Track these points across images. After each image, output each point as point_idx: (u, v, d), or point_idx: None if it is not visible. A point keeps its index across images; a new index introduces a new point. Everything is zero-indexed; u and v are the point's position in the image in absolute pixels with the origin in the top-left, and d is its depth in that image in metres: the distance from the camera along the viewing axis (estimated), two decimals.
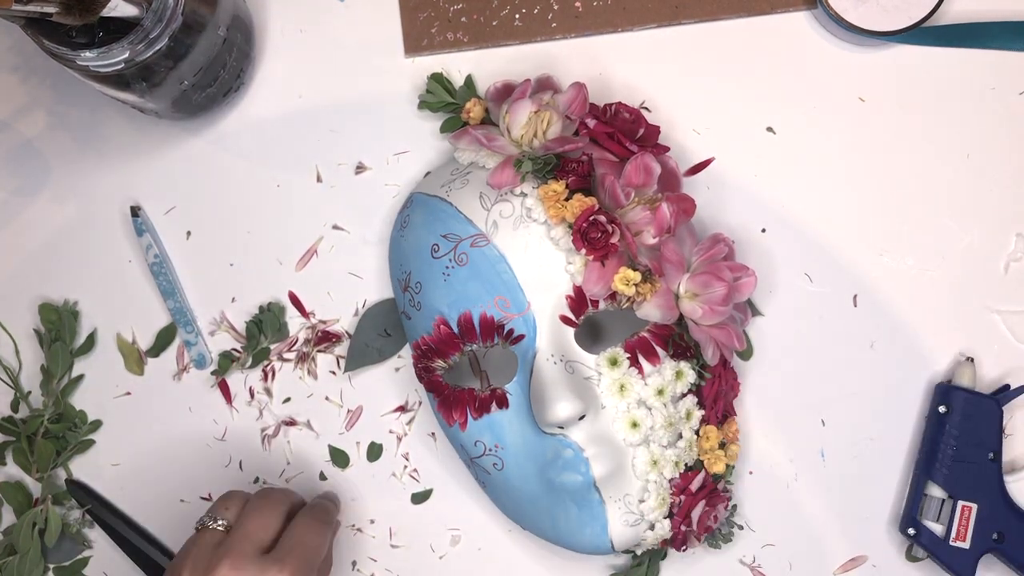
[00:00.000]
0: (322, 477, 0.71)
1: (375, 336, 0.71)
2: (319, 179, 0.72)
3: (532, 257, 0.61)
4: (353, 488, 0.71)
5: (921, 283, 0.70)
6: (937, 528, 0.67)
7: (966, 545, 0.66)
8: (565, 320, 0.62)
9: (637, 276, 0.60)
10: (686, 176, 0.69)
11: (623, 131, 0.65)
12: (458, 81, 0.71)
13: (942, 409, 0.67)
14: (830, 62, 0.71)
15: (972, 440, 0.66)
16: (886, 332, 0.70)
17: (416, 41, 0.71)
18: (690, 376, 0.63)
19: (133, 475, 0.72)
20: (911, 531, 0.67)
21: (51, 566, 0.71)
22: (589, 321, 0.67)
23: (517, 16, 0.71)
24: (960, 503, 0.66)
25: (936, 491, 0.67)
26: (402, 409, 0.71)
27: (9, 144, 0.73)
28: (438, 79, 0.71)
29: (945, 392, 0.68)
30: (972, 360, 0.68)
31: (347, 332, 0.71)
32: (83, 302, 0.72)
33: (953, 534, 0.66)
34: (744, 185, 0.71)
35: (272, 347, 0.72)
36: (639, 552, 0.67)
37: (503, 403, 0.63)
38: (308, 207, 0.72)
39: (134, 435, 0.72)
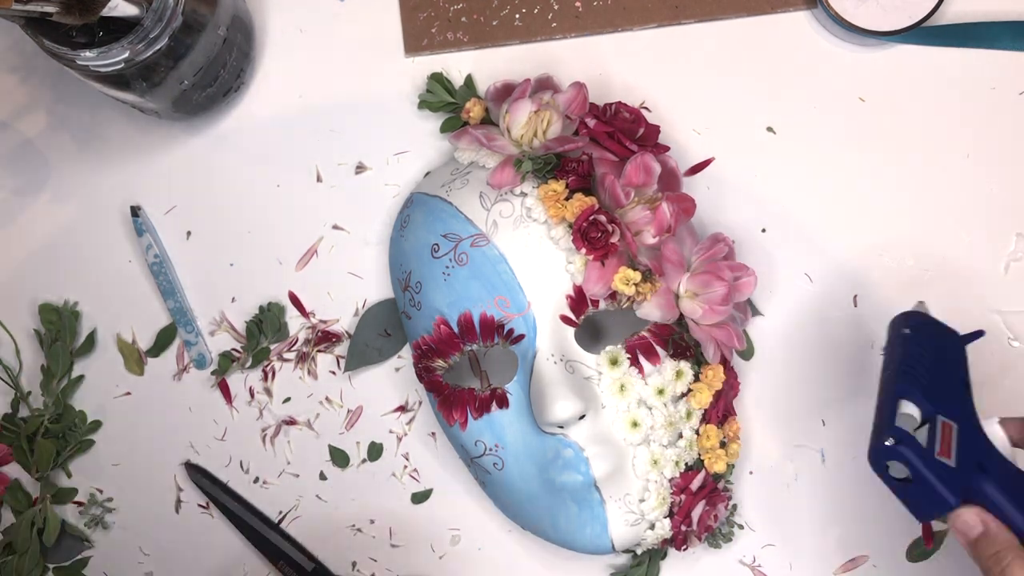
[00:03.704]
0: (322, 477, 0.71)
1: (375, 336, 0.71)
2: (319, 179, 0.72)
3: (532, 257, 0.61)
4: (353, 488, 0.71)
5: (921, 283, 0.70)
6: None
7: (951, 463, 0.54)
8: (565, 320, 0.62)
9: (637, 276, 0.60)
10: (686, 176, 0.69)
11: (623, 131, 0.65)
12: (458, 81, 0.71)
13: (906, 331, 0.60)
14: (830, 62, 0.71)
15: (940, 360, 0.59)
16: (886, 332, 0.70)
17: (416, 41, 0.71)
18: (690, 376, 0.63)
19: (133, 475, 0.72)
20: (889, 441, 0.54)
21: (51, 566, 0.71)
22: (589, 321, 0.67)
23: (517, 16, 0.71)
24: (940, 419, 0.56)
25: (911, 409, 0.56)
26: (402, 409, 0.71)
27: (9, 144, 0.73)
28: (438, 79, 0.71)
29: (906, 316, 0.62)
30: (924, 303, 0.64)
31: (347, 332, 0.71)
32: (83, 302, 0.72)
33: (937, 448, 0.54)
34: (744, 185, 0.71)
35: (272, 347, 0.72)
36: (639, 552, 0.67)
37: (503, 403, 0.63)
38: (308, 207, 0.72)
39: (134, 435, 0.72)
